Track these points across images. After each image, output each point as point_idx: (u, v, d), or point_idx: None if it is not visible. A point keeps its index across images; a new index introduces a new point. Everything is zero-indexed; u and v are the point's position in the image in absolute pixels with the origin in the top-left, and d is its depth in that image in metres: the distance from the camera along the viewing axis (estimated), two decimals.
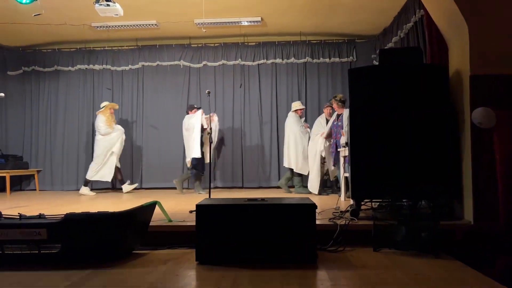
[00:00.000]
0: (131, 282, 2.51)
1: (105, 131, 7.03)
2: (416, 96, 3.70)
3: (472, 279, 2.59)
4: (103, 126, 7.03)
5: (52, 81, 8.24)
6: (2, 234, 2.89)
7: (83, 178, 7.88)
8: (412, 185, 3.66)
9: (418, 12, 5.28)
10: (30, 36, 7.73)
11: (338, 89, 7.83)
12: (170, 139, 7.93)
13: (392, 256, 3.14)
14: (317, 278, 2.60)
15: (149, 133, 8.02)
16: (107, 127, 7.04)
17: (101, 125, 7.03)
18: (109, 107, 7.18)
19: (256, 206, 3.00)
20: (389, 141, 3.70)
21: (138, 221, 3.21)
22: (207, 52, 8.04)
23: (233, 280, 2.52)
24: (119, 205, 5.22)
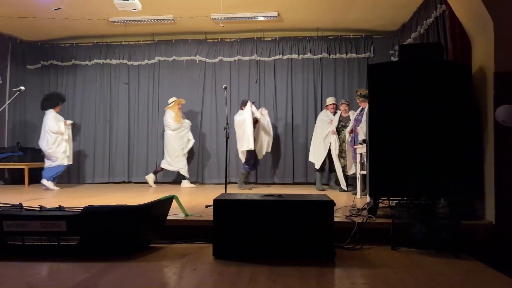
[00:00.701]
0: (149, 275, 2.52)
1: (174, 126, 7.10)
2: (437, 92, 3.63)
3: (493, 280, 2.53)
4: (172, 122, 7.10)
5: (70, 75, 8.33)
6: (23, 225, 2.93)
7: (100, 171, 7.98)
8: (432, 183, 3.61)
9: (440, 7, 5.17)
10: (48, 30, 7.82)
11: (354, 85, 7.75)
12: None
13: (410, 255, 3.10)
14: (335, 276, 2.58)
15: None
16: (176, 123, 7.11)
17: (170, 121, 7.10)
18: (177, 103, 7.22)
19: (273, 202, 2.98)
20: (409, 138, 3.64)
21: (156, 215, 3.22)
22: (223, 47, 8.03)
23: (250, 276, 2.52)
24: (136, 198, 5.26)
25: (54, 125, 6.62)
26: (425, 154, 3.61)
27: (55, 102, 6.84)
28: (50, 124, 6.63)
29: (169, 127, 7.15)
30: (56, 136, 6.66)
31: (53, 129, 6.62)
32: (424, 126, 3.63)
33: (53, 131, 6.62)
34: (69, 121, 7.01)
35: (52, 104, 6.81)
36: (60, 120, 6.78)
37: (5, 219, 2.93)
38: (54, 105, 6.82)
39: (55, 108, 6.85)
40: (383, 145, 3.67)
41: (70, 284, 2.32)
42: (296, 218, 2.94)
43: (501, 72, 3.40)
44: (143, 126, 8.11)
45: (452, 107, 3.61)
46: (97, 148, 8.11)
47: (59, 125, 6.65)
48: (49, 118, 6.69)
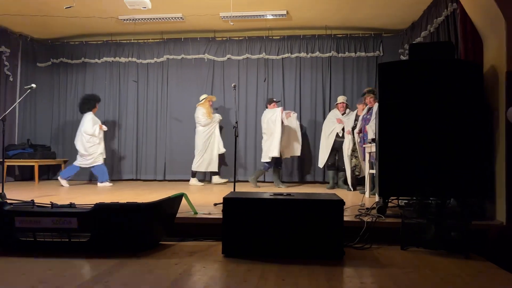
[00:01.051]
0: (159, 273, 2.53)
1: (205, 122, 7.16)
2: (448, 92, 3.60)
3: (504, 281, 2.51)
4: (203, 118, 7.15)
5: (80, 73, 8.39)
6: (35, 221, 2.96)
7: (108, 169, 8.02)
8: (442, 183, 3.59)
9: (451, 6, 5.12)
10: (58, 28, 7.87)
11: (363, 83, 7.71)
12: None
13: (420, 255, 3.08)
14: (345, 275, 2.58)
15: (173, 126, 8.08)
16: (207, 118, 7.16)
17: (201, 117, 7.16)
18: (208, 99, 7.26)
19: (283, 201, 2.99)
20: (419, 138, 3.61)
21: (165, 213, 3.24)
22: (232, 46, 8.03)
23: (260, 274, 2.52)
24: (145, 196, 5.29)
25: (90, 128, 6.85)
26: (435, 154, 3.59)
27: (91, 104, 7.06)
28: (86, 126, 6.85)
29: (199, 123, 7.21)
30: (90, 138, 6.88)
31: (88, 131, 6.86)
32: (434, 125, 3.60)
33: (88, 133, 6.86)
34: (105, 127, 7.20)
35: (90, 107, 7.04)
36: (96, 123, 6.98)
37: (17, 215, 2.97)
38: (91, 108, 7.05)
39: (92, 110, 7.06)
40: (393, 144, 3.66)
41: (81, 281, 2.34)
42: (305, 217, 2.94)
43: None
44: (151, 124, 8.15)
45: (462, 106, 3.58)
46: (105, 146, 8.13)
47: (94, 128, 6.87)
48: (86, 120, 6.92)
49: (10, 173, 7.71)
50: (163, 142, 8.09)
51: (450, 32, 5.32)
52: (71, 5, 5.68)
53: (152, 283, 2.33)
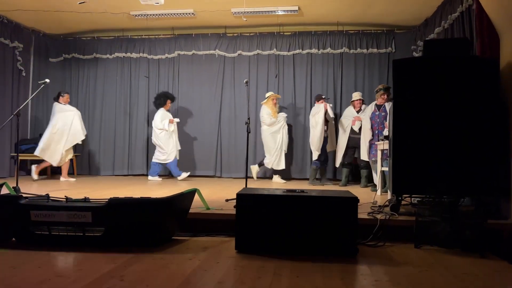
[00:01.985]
0: (174, 268, 2.54)
1: (269, 121, 7.13)
2: (464, 88, 3.56)
3: None
4: (268, 117, 7.13)
5: (91, 68, 8.44)
6: (50, 215, 2.99)
7: (119, 164, 8.09)
8: (456, 181, 3.55)
9: (466, 2, 5.05)
10: (70, 24, 7.92)
11: (375, 80, 7.66)
12: (205, 128, 8.01)
13: (435, 254, 3.06)
14: (359, 273, 2.56)
15: (184, 121, 8.10)
16: (271, 117, 7.12)
17: (265, 115, 7.15)
18: (271, 98, 7.19)
19: (297, 197, 2.98)
20: (433, 135, 3.58)
21: (179, 208, 3.24)
22: (242, 42, 8.01)
23: (273, 271, 2.52)
24: (157, 191, 5.31)
25: (159, 123, 7.20)
26: (450, 151, 3.55)
27: (162, 101, 7.39)
28: (156, 121, 7.26)
29: (264, 123, 7.19)
30: (160, 132, 7.20)
31: (158, 126, 7.22)
32: (450, 122, 3.56)
33: (158, 128, 7.22)
34: (176, 119, 7.45)
35: (161, 103, 7.39)
36: (166, 118, 7.26)
37: (32, 209, 2.99)
38: (162, 104, 7.39)
39: (164, 106, 7.38)
40: (407, 141, 3.62)
41: (97, 275, 2.36)
42: (319, 214, 2.93)
43: None
44: None
45: (478, 103, 3.53)
46: (117, 141, 8.21)
47: (164, 123, 7.18)
48: (157, 115, 7.31)
49: (22, 168, 7.80)
50: None
51: (465, 28, 5.25)
52: (85, 0, 5.69)
53: (167, 278, 2.34)
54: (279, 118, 7.13)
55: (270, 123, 7.09)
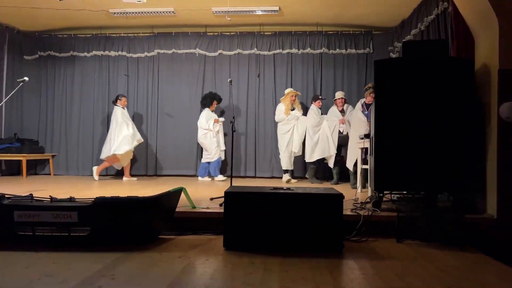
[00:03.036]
0: (164, 266, 2.55)
1: (278, 118, 7.12)
2: (442, 88, 3.68)
3: (500, 271, 2.61)
4: (278, 113, 7.14)
5: (68, 66, 8.26)
6: (35, 215, 2.94)
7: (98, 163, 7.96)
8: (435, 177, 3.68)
9: (441, 4, 5.23)
10: (46, 20, 7.73)
11: (354, 80, 7.81)
12: (185, 127, 7.96)
13: (416, 248, 3.17)
14: (346, 267, 2.64)
15: (164, 121, 8.05)
16: (282, 115, 7.07)
17: (277, 112, 7.18)
18: (290, 94, 7.12)
19: (284, 194, 3.03)
20: (413, 134, 3.69)
21: (165, 207, 3.25)
22: (223, 41, 8.02)
23: (263, 266, 2.56)
24: (139, 190, 5.27)
25: (204, 123, 7.21)
26: (429, 149, 3.67)
27: (207, 101, 7.36)
28: (200, 121, 7.27)
29: (276, 119, 7.24)
30: (206, 132, 7.19)
31: (202, 126, 7.24)
32: (429, 121, 3.68)
33: (202, 127, 7.22)
34: (221, 118, 7.42)
35: (207, 104, 7.37)
36: (211, 118, 7.24)
37: (16, 210, 2.94)
38: (208, 105, 7.35)
39: (210, 107, 7.33)
40: (388, 140, 3.73)
41: (87, 273, 2.34)
42: (305, 211, 2.99)
43: (506, 69, 3.47)
44: (142, 119, 8.09)
45: (455, 103, 3.67)
46: (95, 140, 8.07)
47: (209, 123, 7.18)
48: (201, 116, 7.31)
49: None
50: (153, 137, 8.05)
51: (440, 31, 5.43)
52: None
53: (158, 276, 2.35)
54: (290, 117, 7.04)
55: (278, 119, 7.10)
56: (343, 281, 2.34)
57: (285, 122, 7.05)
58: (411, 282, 2.34)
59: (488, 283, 2.40)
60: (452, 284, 2.33)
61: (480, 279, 2.47)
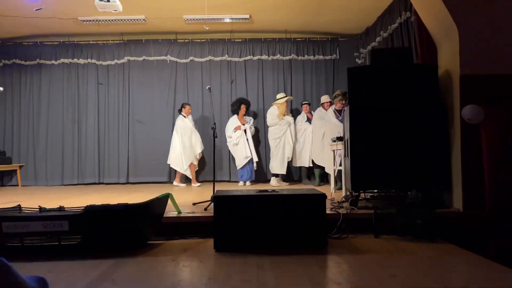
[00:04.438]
0: (160, 269, 2.64)
1: (270, 122, 7.21)
2: (410, 93, 3.97)
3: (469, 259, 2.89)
4: (270, 117, 7.22)
5: (34, 74, 8.08)
6: (24, 226, 2.95)
7: (69, 173, 7.83)
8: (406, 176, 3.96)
9: (404, 14, 5.58)
10: (10, 28, 7.53)
11: (322, 85, 8.10)
12: (157, 134, 7.97)
13: (393, 242, 3.41)
14: (333, 261, 2.83)
15: (136, 128, 8.02)
16: (273, 119, 7.15)
17: (268, 116, 7.27)
18: (286, 100, 7.23)
19: (270, 196, 3.19)
20: (385, 137, 3.95)
21: (154, 212, 3.33)
22: (194, 48, 8.11)
23: (256, 265, 2.71)
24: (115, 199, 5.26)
25: (228, 130, 7.34)
26: (400, 150, 3.94)
27: (236, 107, 7.41)
28: (227, 128, 7.39)
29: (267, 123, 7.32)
30: (230, 139, 7.29)
31: (227, 133, 7.36)
32: (398, 124, 3.95)
33: (227, 135, 7.34)
34: (245, 125, 7.29)
35: (235, 110, 7.43)
36: (234, 125, 7.28)
37: (4, 221, 2.94)
38: (236, 111, 7.40)
39: (239, 112, 7.36)
40: (362, 143, 3.96)
41: (88, 279, 2.40)
42: (290, 211, 3.16)
43: (466, 75, 3.79)
44: (113, 126, 8.03)
45: (421, 106, 3.96)
46: (65, 149, 7.92)
47: (232, 130, 7.25)
48: (228, 122, 7.43)
49: None
50: (125, 144, 8.00)
51: (403, 38, 5.79)
52: (41, 7, 5.52)
53: (158, 277, 2.44)
54: (282, 122, 7.14)
55: (271, 124, 7.19)
56: (333, 274, 2.53)
57: (277, 126, 7.17)
58: (393, 272, 2.56)
59: (458, 268, 2.67)
60: (428, 271, 2.57)
61: (451, 265, 2.74)
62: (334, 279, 2.44)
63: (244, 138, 7.25)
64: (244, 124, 7.30)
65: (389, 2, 6.33)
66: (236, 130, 7.25)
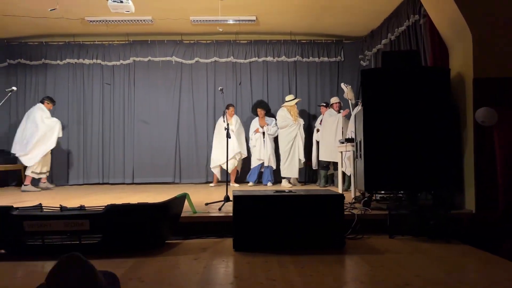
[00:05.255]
0: (184, 267, 2.66)
1: (280, 124, 7.25)
2: (422, 96, 4.00)
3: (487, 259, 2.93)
4: (281, 119, 7.23)
5: (40, 74, 8.08)
6: (45, 225, 2.96)
7: (74, 173, 7.82)
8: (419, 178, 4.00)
9: (413, 17, 5.63)
10: (15, 28, 7.52)
11: (326, 86, 8.15)
12: (162, 135, 7.99)
13: (408, 242, 3.44)
14: (353, 260, 2.86)
15: (141, 129, 8.03)
16: (285, 121, 7.19)
17: (279, 118, 7.28)
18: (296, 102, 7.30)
19: (289, 197, 3.22)
20: (397, 138, 3.97)
21: (172, 212, 3.34)
22: (199, 49, 8.13)
23: (278, 264, 2.73)
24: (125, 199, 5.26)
25: (250, 132, 7.54)
26: (412, 152, 3.96)
27: (254, 111, 7.66)
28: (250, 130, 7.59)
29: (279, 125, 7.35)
30: (250, 141, 7.52)
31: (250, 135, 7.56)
32: (410, 126, 3.99)
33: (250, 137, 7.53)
34: (263, 128, 7.42)
35: (254, 113, 7.66)
36: (255, 127, 7.50)
37: (26, 220, 2.94)
38: (255, 114, 7.64)
39: (258, 116, 7.55)
40: (376, 145, 3.99)
41: None
42: (309, 211, 3.19)
43: (480, 78, 3.84)
44: (118, 127, 8.04)
45: (434, 108, 4.00)
46: (70, 150, 7.92)
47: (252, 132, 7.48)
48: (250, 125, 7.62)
49: None
50: (130, 145, 8.01)
51: (411, 41, 5.84)
52: (55, 7, 5.53)
53: (184, 276, 2.46)
54: (294, 124, 7.17)
55: (282, 126, 7.21)
56: (356, 273, 2.56)
57: (288, 128, 7.18)
58: (414, 270, 2.59)
59: (479, 269, 2.71)
60: (448, 270, 2.61)
61: (471, 266, 2.77)
62: (359, 278, 2.47)
63: (261, 141, 7.37)
64: (263, 127, 7.42)
65: (395, 5, 6.39)
66: (255, 132, 7.41)
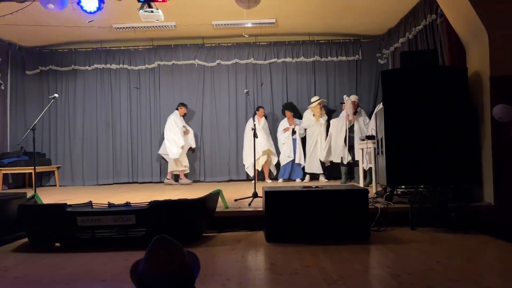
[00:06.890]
0: (224, 256, 2.93)
1: (305, 125, 7.73)
2: (441, 94, 4.19)
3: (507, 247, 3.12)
4: (304, 120, 7.75)
5: (70, 80, 8.48)
6: (96, 220, 3.27)
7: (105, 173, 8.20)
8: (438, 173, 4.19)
9: (430, 16, 5.78)
10: (46, 36, 7.92)
11: (345, 85, 8.33)
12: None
13: (429, 233, 3.65)
14: (379, 250, 3.09)
15: None
16: (305, 122, 7.69)
17: (304, 119, 7.78)
18: (319, 102, 7.67)
19: (317, 192, 3.47)
20: (417, 135, 4.17)
21: (209, 207, 3.62)
22: (221, 52, 8.41)
23: (308, 253, 2.98)
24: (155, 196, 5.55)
25: (278, 131, 7.96)
26: (432, 148, 4.15)
27: (282, 112, 8.10)
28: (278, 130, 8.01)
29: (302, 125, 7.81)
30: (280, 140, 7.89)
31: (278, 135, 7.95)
32: (429, 123, 4.17)
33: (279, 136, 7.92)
34: (293, 126, 7.81)
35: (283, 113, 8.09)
36: (283, 126, 7.90)
37: (79, 215, 3.26)
38: (284, 114, 8.05)
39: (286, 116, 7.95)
40: (397, 142, 4.20)
41: None
42: (336, 205, 3.43)
43: (496, 77, 4.01)
44: (145, 129, 8.38)
45: (452, 107, 4.18)
46: (100, 151, 8.30)
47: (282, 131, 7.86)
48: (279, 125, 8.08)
49: (3, 181, 7.69)
50: (156, 145, 8.32)
51: (429, 40, 6.00)
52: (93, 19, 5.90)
53: (226, 263, 2.73)
54: (313, 123, 7.60)
55: (305, 126, 7.68)
56: (381, 260, 2.79)
57: (310, 128, 7.63)
58: (436, 257, 2.81)
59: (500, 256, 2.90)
60: (468, 256, 2.82)
61: (492, 253, 2.97)
62: (385, 264, 2.70)
63: (290, 139, 7.77)
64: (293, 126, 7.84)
65: (412, 4, 6.54)
66: (285, 131, 7.77)
